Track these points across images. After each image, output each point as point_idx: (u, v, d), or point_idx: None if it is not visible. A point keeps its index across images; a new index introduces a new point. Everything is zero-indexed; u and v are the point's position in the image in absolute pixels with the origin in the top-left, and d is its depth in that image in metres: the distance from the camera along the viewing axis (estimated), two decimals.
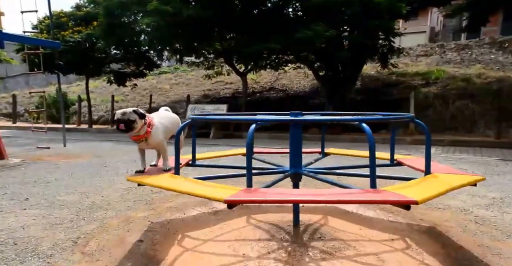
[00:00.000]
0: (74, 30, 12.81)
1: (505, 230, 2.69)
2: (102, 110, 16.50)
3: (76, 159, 6.32)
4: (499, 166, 5.46)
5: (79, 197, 3.71)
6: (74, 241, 2.53)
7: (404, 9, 8.48)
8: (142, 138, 2.43)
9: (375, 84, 12.84)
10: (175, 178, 2.36)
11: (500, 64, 13.00)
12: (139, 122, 2.34)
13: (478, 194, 3.70)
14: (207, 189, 2.07)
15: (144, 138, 2.43)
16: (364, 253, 2.29)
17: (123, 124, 2.29)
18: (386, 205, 3.26)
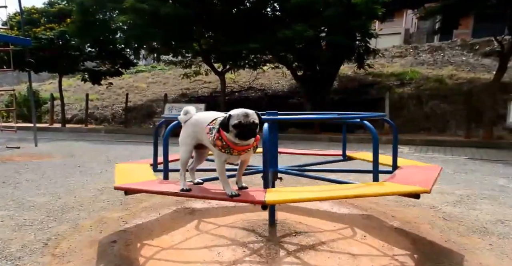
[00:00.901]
0: (46, 27, 12.40)
1: (471, 226, 2.81)
2: (76, 109, 16.05)
3: (48, 159, 6.11)
4: (468, 164, 5.69)
5: (51, 198, 3.60)
6: (45, 242, 2.45)
7: (380, 10, 8.70)
8: (251, 147, 1.89)
9: (352, 84, 13.11)
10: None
11: (471, 66, 13.56)
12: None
13: (447, 192, 3.84)
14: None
15: (253, 146, 1.91)
16: (337, 249, 2.34)
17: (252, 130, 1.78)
18: (361, 203, 3.35)
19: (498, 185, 4.18)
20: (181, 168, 2.05)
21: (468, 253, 2.29)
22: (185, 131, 2.05)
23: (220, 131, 1.82)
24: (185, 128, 2.05)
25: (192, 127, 2.01)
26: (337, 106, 9.71)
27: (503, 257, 2.24)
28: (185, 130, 2.05)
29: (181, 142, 2.07)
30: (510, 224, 2.85)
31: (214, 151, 1.91)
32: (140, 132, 11.74)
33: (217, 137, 1.83)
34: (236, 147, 1.83)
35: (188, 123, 2.04)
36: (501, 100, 9.15)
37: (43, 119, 15.51)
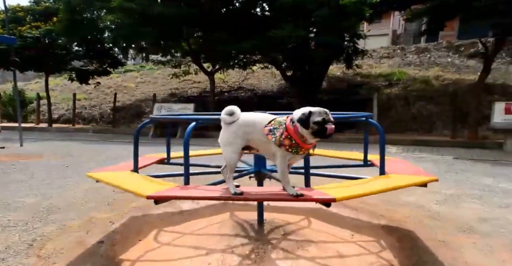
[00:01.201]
0: (32, 25, 12.17)
1: (457, 225, 2.86)
2: (63, 108, 15.78)
3: (34, 159, 6.00)
4: (455, 164, 5.79)
5: (37, 199, 3.53)
6: (30, 243, 2.41)
7: (368, 12, 8.80)
8: (312, 146, 1.91)
9: (341, 85, 13.22)
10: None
11: (456, 67, 13.81)
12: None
13: (434, 191, 3.90)
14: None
15: (313, 145, 1.92)
16: (325, 248, 2.36)
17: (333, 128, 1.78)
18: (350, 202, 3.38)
19: (483, 184, 4.27)
20: (230, 171, 1.93)
21: (453, 251, 2.34)
22: (233, 132, 1.90)
23: (288, 130, 1.82)
24: (233, 129, 1.90)
25: (243, 128, 1.90)
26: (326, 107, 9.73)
27: (487, 255, 2.29)
28: (233, 131, 1.90)
29: (227, 143, 1.93)
30: (494, 222, 2.91)
31: (276, 151, 1.87)
32: (129, 132, 11.60)
33: (285, 135, 1.81)
34: (305, 145, 1.83)
35: (236, 124, 1.91)
36: (485, 101, 9.34)
37: (29, 119, 15.22)
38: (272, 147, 1.87)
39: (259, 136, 1.89)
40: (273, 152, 1.90)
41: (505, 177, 4.70)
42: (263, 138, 1.88)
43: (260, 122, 1.90)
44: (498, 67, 12.65)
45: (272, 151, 1.89)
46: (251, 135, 1.90)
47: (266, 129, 1.86)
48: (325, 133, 1.76)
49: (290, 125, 1.82)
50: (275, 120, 1.89)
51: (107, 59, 13.55)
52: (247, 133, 1.90)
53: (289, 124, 1.83)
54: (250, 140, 1.91)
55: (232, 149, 1.91)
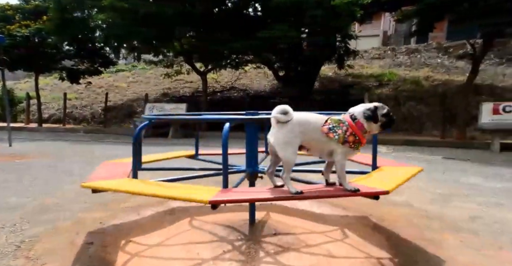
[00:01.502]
0: (21, 24, 12.00)
1: (444, 223, 2.91)
2: (54, 108, 15.61)
3: (23, 159, 5.93)
4: (443, 163, 5.89)
5: (25, 199, 3.49)
6: (18, 245, 2.39)
7: (359, 12, 8.89)
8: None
9: (333, 85, 13.31)
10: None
11: (445, 68, 14.01)
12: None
13: (423, 190, 3.97)
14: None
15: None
16: (315, 248, 2.38)
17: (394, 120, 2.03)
18: (340, 201, 3.41)
19: (471, 183, 4.35)
20: (288, 171, 1.92)
21: (440, 249, 2.38)
22: (290, 131, 1.88)
23: (352, 127, 1.91)
24: (289, 129, 1.89)
25: (299, 127, 1.90)
26: (318, 107, 9.83)
27: (474, 253, 2.33)
28: (290, 131, 1.89)
29: (285, 143, 1.89)
30: (480, 221, 2.97)
31: (337, 149, 1.93)
32: (120, 132, 11.52)
33: (350, 132, 1.90)
34: (364, 140, 1.95)
35: (291, 123, 1.89)
36: (473, 102, 9.50)
37: (19, 118, 15.02)
38: (332, 145, 1.92)
39: (315, 134, 1.92)
40: (331, 149, 1.95)
41: (492, 176, 4.79)
42: (320, 137, 1.92)
43: (315, 122, 1.94)
44: (486, 68, 12.87)
45: (331, 148, 1.95)
46: (307, 134, 1.92)
47: (325, 128, 1.91)
48: (393, 122, 1.97)
49: (352, 123, 1.91)
50: (330, 119, 1.95)
51: (98, 58, 13.44)
52: (303, 132, 1.90)
53: (351, 122, 1.92)
54: (304, 139, 1.92)
55: (292, 149, 1.90)
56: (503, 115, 7.77)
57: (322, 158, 2.10)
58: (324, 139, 1.92)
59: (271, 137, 1.93)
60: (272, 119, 1.91)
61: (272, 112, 1.91)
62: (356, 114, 1.94)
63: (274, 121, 1.91)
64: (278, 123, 1.90)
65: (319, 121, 1.94)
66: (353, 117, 1.94)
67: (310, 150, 2.01)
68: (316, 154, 2.06)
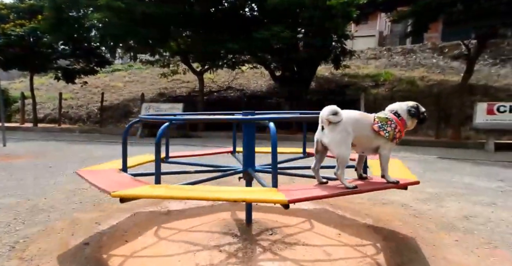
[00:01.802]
0: (16, 23, 11.90)
1: (439, 223, 2.93)
2: (49, 108, 15.50)
3: (18, 159, 5.88)
4: (437, 163, 5.92)
5: (19, 200, 3.47)
6: (12, 246, 2.37)
7: (354, 13, 8.90)
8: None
9: (329, 85, 13.34)
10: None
11: (440, 68, 14.09)
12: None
13: (417, 189, 3.97)
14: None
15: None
16: (312, 247, 2.38)
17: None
18: (336, 201, 3.42)
19: (465, 183, 4.38)
20: (342, 167, 2.00)
21: (435, 249, 2.40)
22: (344, 131, 1.96)
23: (399, 124, 2.07)
24: (342, 128, 1.95)
25: (350, 126, 1.98)
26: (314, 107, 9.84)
27: (468, 252, 2.35)
28: (343, 130, 1.96)
29: (340, 142, 1.96)
30: (474, 220, 2.99)
31: (385, 144, 2.08)
32: (116, 132, 11.47)
33: (398, 129, 2.06)
34: (403, 135, 2.13)
35: (343, 123, 1.96)
36: (468, 102, 9.56)
37: (14, 118, 14.90)
38: (380, 141, 2.07)
39: (365, 132, 2.04)
40: (377, 145, 2.09)
41: (486, 176, 4.83)
42: (370, 134, 2.05)
43: (365, 120, 2.06)
44: (480, 69, 12.96)
45: (378, 144, 2.09)
46: (358, 132, 2.01)
47: (376, 127, 2.04)
48: (427, 120, 2.20)
49: (398, 120, 2.07)
50: (377, 117, 2.08)
51: (94, 58, 13.36)
52: (354, 131, 1.99)
53: (397, 119, 2.07)
54: (355, 137, 2.01)
55: (346, 147, 1.98)
56: (498, 115, 7.83)
57: (365, 153, 2.21)
58: (373, 136, 2.05)
59: (324, 137, 1.99)
60: (323, 120, 1.97)
61: (322, 114, 1.96)
62: (400, 111, 2.11)
63: (325, 122, 1.96)
64: (330, 124, 1.96)
65: (368, 120, 2.06)
66: (397, 114, 2.09)
67: (356, 146, 2.10)
68: (360, 150, 2.17)
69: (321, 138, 2.01)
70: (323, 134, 1.99)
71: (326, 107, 1.97)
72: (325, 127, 1.97)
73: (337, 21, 9.08)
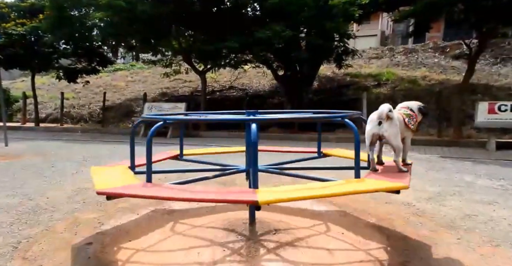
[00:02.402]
0: (17, 22, 11.91)
1: (441, 221, 2.93)
2: (51, 107, 15.52)
3: (19, 159, 5.90)
4: (439, 162, 5.91)
5: (21, 200, 3.48)
6: (14, 246, 2.38)
7: (356, 12, 8.88)
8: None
9: (331, 84, 13.32)
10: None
11: (442, 67, 14.05)
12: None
13: (419, 188, 3.98)
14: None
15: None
16: (315, 246, 2.39)
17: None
18: (338, 200, 3.42)
19: (466, 182, 4.37)
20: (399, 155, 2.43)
21: (437, 247, 2.39)
22: (396, 124, 2.35)
23: (417, 118, 2.60)
24: (395, 122, 2.35)
25: (397, 121, 2.39)
26: (316, 106, 9.85)
27: (470, 250, 2.35)
28: (396, 124, 2.35)
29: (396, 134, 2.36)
30: (477, 218, 2.99)
31: (408, 135, 2.57)
32: (118, 131, 11.49)
33: (417, 122, 2.60)
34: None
35: (395, 119, 2.35)
36: (469, 101, 9.54)
37: (15, 118, 14.92)
38: (407, 133, 2.55)
39: (401, 125, 2.45)
40: (404, 136, 2.53)
41: (487, 175, 4.82)
42: (402, 127, 2.47)
43: (398, 116, 2.47)
44: (482, 68, 12.93)
45: (405, 135, 2.54)
46: (400, 126, 2.41)
47: (406, 120, 2.51)
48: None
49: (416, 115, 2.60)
50: (403, 113, 2.53)
51: (96, 57, 13.36)
52: (399, 125, 2.40)
53: (415, 114, 2.59)
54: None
55: (399, 138, 2.39)
56: (499, 114, 7.81)
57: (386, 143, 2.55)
58: (404, 129, 2.49)
59: (383, 131, 2.33)
60: (383, 116, 2.29)
61: (383, 110, 2.29)
62: (413, 108, 2.62)
63: (385, 118, 2.30)
64: (388, 119, 2.31)
65: (401, 116, 2.50)
66: (412, 111, 2.59)
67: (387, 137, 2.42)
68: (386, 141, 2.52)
69: (379, 131, 2.35)
70: (380, 128, 2.34)
71: (384, 105, 2.31)
72: (384, 123, 2.32)
73: (339, 20, 9.06)
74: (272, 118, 3.45)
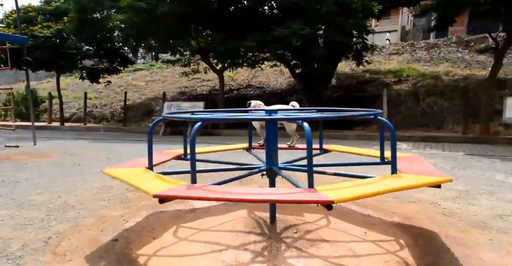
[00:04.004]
0: (43, 25, 12.33)
1: (470, 221, 2.83)
2: (75, 107, 16.00)
3: (47, 158, 6.10)
4: (465, 160, 5.72)
5: (50, 197, 3.60)
6: (45, 241, 2.46)
7: (376, 8, 8.69)
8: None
9: (350, 81, 13.12)
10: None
11: (466, 62, 13.59)
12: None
13: (446, 187, 3.86)
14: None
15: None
16: (339, 246, 2.35)
17: None
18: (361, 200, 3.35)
19: (496, 180, 4.21)
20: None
21: (468, 248, 2.31)
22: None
23: None
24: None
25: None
26: (335, 104, 9.72)
27: (503, 252, 2.26)
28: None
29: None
30: (509, 218, 2.87)
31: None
32: (139, 130, 11.71)
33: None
34: None
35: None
36: (496, 96, 9.19)
37: (41, 118, 15.46)
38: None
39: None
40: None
41: None
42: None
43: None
44: (509, 62, 12.43)
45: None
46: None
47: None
48: None
49: None
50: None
51: (117, 58, 13.67)
52: None
53: None
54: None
55: None
56: None
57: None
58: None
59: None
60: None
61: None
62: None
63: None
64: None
65: None
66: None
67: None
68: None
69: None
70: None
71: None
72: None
73: (358, 16, 8.90)
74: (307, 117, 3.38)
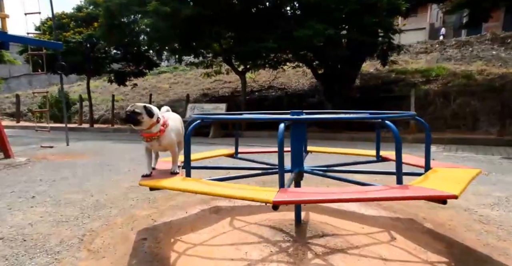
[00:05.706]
0: (75, 31, 12.86)
1: (511, 230, 2.67)
2: (103, 109, 16.55)
3: (79, 158, 6.35)
4: (503, 164, 5.44)
5: (83, 195, 3.74)
6: (80, 238, 2.56)
7: (404, 6, 8.45)
8: (155, 136, 2.33)
9: (375, 82, 12.84)
10: (188, 180, 2.28)
11: (502, 60, 12.97)
12: (145, 117, 2.22)
13: (482, 193, 3.68)
14: (247, 191, 1.99)
15: (157, 136, 2.33)
16: (367, 252, 2.29)
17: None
18: (389, 204, 3.28)
19: None
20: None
21: (509, 259, 2.19)
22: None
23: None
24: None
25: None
26: (358, 105, 9.53)
27: None
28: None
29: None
30: None
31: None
32: None
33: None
34: (142, 134, 2.37)
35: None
36: None
37: (73, 119, 16.10)
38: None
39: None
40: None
41: None
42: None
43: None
44: None
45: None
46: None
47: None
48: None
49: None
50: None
51: (143, 61, 14.05)
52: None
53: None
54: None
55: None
56: None
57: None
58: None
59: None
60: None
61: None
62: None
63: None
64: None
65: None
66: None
67: None
68: None
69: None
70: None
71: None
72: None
73: (383, 15, 8.68)
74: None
